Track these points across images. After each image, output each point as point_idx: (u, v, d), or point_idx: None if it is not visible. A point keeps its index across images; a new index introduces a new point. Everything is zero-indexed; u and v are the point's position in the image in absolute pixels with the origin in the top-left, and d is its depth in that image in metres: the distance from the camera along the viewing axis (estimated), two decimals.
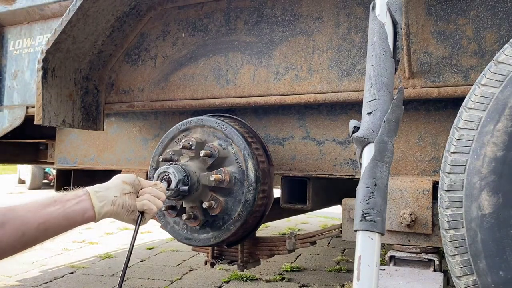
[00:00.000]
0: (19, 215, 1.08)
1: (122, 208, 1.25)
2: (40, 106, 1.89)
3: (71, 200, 1.17)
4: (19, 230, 1.07)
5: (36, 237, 1.11)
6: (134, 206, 1.29)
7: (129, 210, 1.28)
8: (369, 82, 1.13)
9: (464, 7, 1.54)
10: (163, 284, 2.98)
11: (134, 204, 1.29)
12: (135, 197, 1.32)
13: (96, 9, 1.88)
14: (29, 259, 3.76)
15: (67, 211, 1.15)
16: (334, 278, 3.13)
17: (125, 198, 1.26)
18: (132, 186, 1.31)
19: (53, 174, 12.05)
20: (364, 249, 1.02)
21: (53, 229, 1.13)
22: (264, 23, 1.88)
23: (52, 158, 2.85)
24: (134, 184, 1.32)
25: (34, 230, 1.09)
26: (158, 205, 1.34)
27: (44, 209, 1.12)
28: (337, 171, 1.84)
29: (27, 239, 1.09)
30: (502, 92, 1.13)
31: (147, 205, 1.30)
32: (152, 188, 1.37)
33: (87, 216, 1.18)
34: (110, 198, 1.22)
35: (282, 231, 5.07)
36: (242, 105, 1.91)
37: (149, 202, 1.31)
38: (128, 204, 1.27)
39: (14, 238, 1.06)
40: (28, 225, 1.08)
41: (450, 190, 1.18)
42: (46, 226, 1.11)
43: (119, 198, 1.24)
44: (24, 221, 1.08)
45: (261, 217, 1.85)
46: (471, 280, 1.14)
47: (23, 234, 1.07)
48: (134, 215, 1.30)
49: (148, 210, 1.31)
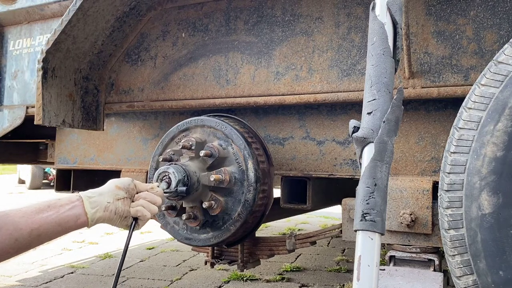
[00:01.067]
0: (13, 220, 1.08)
1: (115, 214, 1.25)
2: (40, 106, 1.90)
3: (65, 205, 1.17)
4: (12, 236, 1.07)
5: (29, 243, 1.10)
6: (128, 212, 1.28)
7: (122, 216, 1.27)
8: (369, 82, 1.13)
9: (464, 7, 1.54)
10: (163, 284, 2.98)
11: (127, 210, 1.28)
12: (130, 202, 1.30)
13: (96, 9, 1.88)
14: (29, 259, 3.77)
15: (60, 216, 1.15)
16: (334, 278, 3.13)
17: (118, 204, 1.26)
18: (126, 191, 1.30)
19: (53, 174, 12.06)
20: (364, 249, 1.02)
21: (46, 235, 1.13)
22: (264, 23, 1.88)
23: (52, 158, 2.86)
24: (128, 189, 1.30)
25: (27, 236, 1.09)
26: (152, 210, 1.33)
27: (37, 215, 1.12)
28: (337, 171, 1.84)
29: (20, 244, 1.09)
30: (502, 92, 1.13)
31: (140, 212, 1.29)
32: (147, 193, 1.35)
33: (80, 222, 1.18)
34: (103, 204, 1.22)
35: (282, 231, 5.07)
36: (242, 105, 1.91)
37: (143, 208, 1.30)
38: (121, 210, 1.26)
39: (7, 244, 1.06)
40: (21, 231, 1.08)
41: (450, 190, 1.18)
42: (39, 232, 1.11)
43: (112, 204, 1.24)
44: (17, 227, 1.08)
45: (261, 217, 1.85)
46: (471, 280, 1.14)
47: (16, 240, 1.08)
48: (127, 220, 1.29)
49: (142, 216, 1.30)
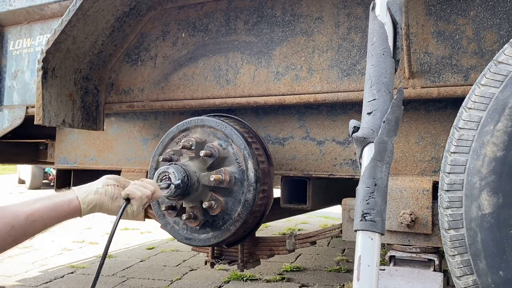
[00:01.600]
0: (9, 210, 1.15)
1: (105, 195, 1.30)
2: (40, 106, 1.90)
3: (58, 195, 1.26)
4: (9, 224, 1.12)
5: (25, 230, 1.15)
6: (118, 193, 1.33)
7: (113, 197, 1.31)
8: (369, 82, 1.13)
9: (464, 7, 1.54)
10: (163, 284, 2.97)
11: (118, 192, 1.33)
12: (120, 189, 1.35)
13: (96, 9, 1.88)
14: (29, 259, 3.77)
15: (54, 201, 1.22)
16: (334, 278, 3.13)
17: (108, 188, 1.31)
18: (116, 180, 1.35)
19: (53, 174, 12.06)
20: (364, 249, 1.02)
21: (41, 220, 1.18)
22: (264, 23, 1.88)
23: (52, 158, 2.86)
24: (118, 179, 1.36)
25: (23, 222, 1.15)
26: (144, 192, 1.36)
27: (32, 204, 1.19)
28: (337, 171, 1.84)
29: (16, 232, 1.14)
30: (502, 92, 1.13)
31: (130, 191, 1.33)
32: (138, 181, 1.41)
33: (73, 206, 1.24)
34: (93, 189, 1.29)
35: (282, 231, 5.07)
36: (242, 105, 1.91)
37: (133, 188, 1.34)
38: (111, 191, 1.31)
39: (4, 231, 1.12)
40: (17, 218, 1.14)
41: (450, 190, 1.18)
42: (34, 217, 1.17)
43: (102, 188, 1.30)
44: (14, 214, 1.15)
45: (261, 217, 1.85)
46: (471, 280, 1.14)
47: (13, 227, 1.13)
48: (119, 201, 1.33)
49: (132, 194, 1.33)
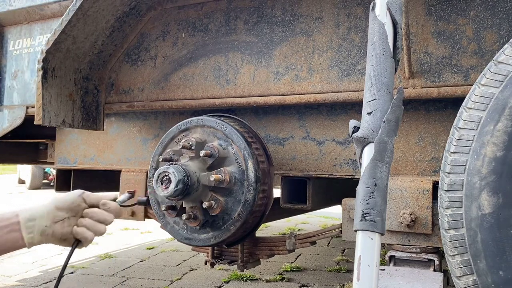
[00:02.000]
0: None
1: (52, 237, 1.20)
2: (40, 106, 1.90)
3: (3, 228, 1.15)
4: None
5: None
6: (68, 234, 1.22)
7: (61, 239, 1.22)
8: (369, 82, 1.13)
9: (464, 7, 1.54)
10: (163, 284, 2.97)
11: (66, 231, 1.22)
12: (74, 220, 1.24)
13: (96, 9, 1.88)
14: (29, 259, 3.77)
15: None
16: (334, 278, 3.13)
17: (56, 227, 1.20)
18: (68, 210, 1.22)
19: (53, 174, 12.06)
20: (364, 249, 1.02)
21: None
22: (264, 23, 1.88)
23: (52, 158, 2.86)
24: (71, 207, 1.23)
25: None
26: (98, 231, 1.24)
27: None
28: (337, 171, 1.84)
29: None
30: (502, 92, 1.13)
31: (81, 234, 1.22)
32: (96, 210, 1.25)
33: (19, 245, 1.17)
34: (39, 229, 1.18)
35: (282, 231, 5.07)
36: (242, 105, 1.91)
37: (86, 230, 1.23)
38: (59, 233, 1.21)
39: None
40: None
41: (450, 190, 1.18)
42: None
43: (49, 228, 1.19)
44: None
45: (261, 217, 1.85)
46: (471, 280, 1.14)
47: None
48: (68, 242, 1.23)
49: (83, 239, 1.22)
